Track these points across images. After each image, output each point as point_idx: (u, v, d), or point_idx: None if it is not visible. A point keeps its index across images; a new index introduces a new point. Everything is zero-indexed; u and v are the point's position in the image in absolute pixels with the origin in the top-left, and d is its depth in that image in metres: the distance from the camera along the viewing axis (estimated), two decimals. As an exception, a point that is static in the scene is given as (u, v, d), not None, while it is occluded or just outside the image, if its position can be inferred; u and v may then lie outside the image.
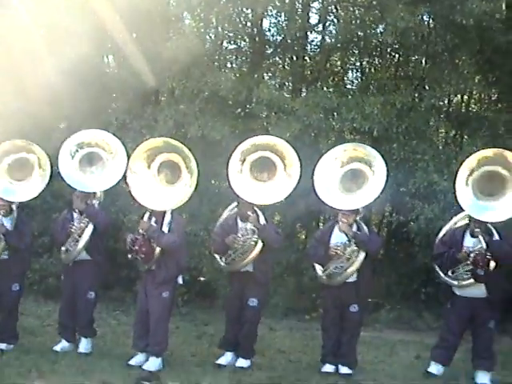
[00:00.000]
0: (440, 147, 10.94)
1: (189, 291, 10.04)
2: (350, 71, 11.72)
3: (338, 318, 7.07)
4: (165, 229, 6.95)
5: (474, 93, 11.35)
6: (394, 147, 9.91)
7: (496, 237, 6.85)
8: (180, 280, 7.16)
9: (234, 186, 7.07)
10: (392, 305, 9.94)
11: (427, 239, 8.75)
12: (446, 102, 11.30)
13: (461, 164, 6.94)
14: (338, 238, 7.03)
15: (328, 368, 7.05)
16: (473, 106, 11.65)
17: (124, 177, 7.17)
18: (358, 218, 7.09)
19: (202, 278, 10.40)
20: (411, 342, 8.75)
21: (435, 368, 7.07)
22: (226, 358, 7.19)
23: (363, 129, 9.63)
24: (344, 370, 6.99)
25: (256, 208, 7.17)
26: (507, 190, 6.80)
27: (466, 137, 11.14)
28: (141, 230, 6.94)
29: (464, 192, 6.84)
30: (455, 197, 6.87)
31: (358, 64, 11.66)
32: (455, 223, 7.35)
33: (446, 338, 7.14)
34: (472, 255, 6.73)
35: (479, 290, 6.88)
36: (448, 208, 8.38)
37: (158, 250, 6.90)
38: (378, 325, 9.52)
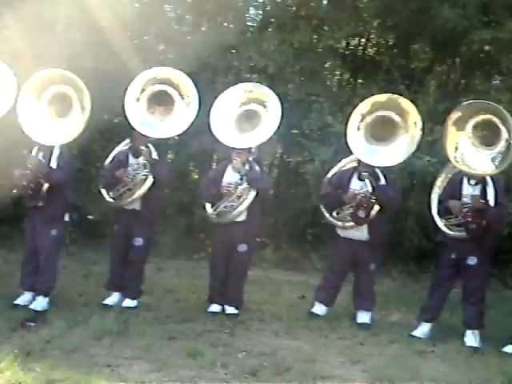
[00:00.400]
0: (335, 90, 11.03)
1: (76, 230, 9.81)
2: (251, 7, 11.49)
3: (226, 257, 7.08)
4: (53, 164, 6.69)
5: (372, 37, 11.43)
6: (289, 87, 9.90)
7: (382, 181, 7.01)
8: (67, 218, 6.94)
9: (130, 118, 6.87)
10: (279, 245, 10.09)
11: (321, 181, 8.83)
12: (343, 44, 11.34)
13: (354, 108, 7.01)
14: (230, 177, 7.01)
15: (214, 308, 7.07)
16: (369, 50, 11.75)
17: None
18: (250, 158, 7.08)
19: (89, 217, 10.20)
20: (297, 282, 8.91)
21: (319, 308, 7.24)
22: (113, 299, 7.09)
23: (259, 66, 9.55)
24: (230, 310, 7.03)
25: (149, 144, 7.02)
26: (398, 135, 6.95)
27: (360, 80, 11.26)
28: (29, 165, 6.66)
29: (355, 136, 6.94)
30: (346, 140, 6.95)
31: (260, 0, 11.45)
32: (344, 165, 7.43)
33: (329, 279, 7.30)
34: (358, 197, 6.87)
35: (361, 233, 7.04)
36: (342, 150, 8.47)
37: (45, 186, 6.63)
38: (264, 264, 9.65)
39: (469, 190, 6.79)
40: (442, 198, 6.99)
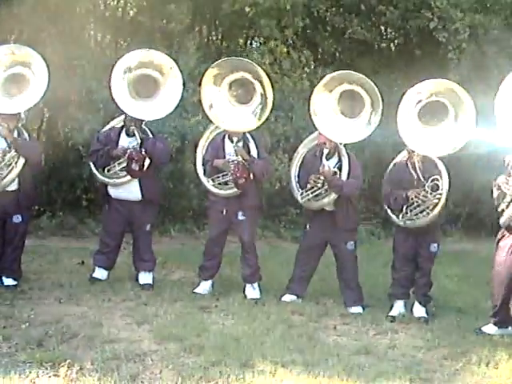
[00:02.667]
0: (97, 53, 10.78)
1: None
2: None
3: (1, 228, 6.74)
4: None
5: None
6: (48, 52, 9.50)
7: (150, 135, 7.08)
8: None
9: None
10: (54, 212, 9.79)
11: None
12: (102, 6, 11.08)
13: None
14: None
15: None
16: (130, 11, 11.60)
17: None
18: (19, 125, 6.75)
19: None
20: (75, 248, 8.72)
21: (99, 273, 7.15)
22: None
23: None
24: (8, 281, 6.72)
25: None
26: (160, 91, 7.00)
27: (122, 42, 11.11)
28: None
29: (120, 89, 6.89)
30: (112, 98, 6.90)
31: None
32: (112, 126, 7.36)
33: (106, 243, 7.21)
34: (128, 151, 6.86)
35: (134, 193, 7.03)
36: (110, 116, 8.35)
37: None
38: (40, 232, 9.33)
39: (231, 148, 6.98)
40: (206, 158, 7.12)
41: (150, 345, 5.42)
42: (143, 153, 6.88)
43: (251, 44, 12.46)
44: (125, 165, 6.91)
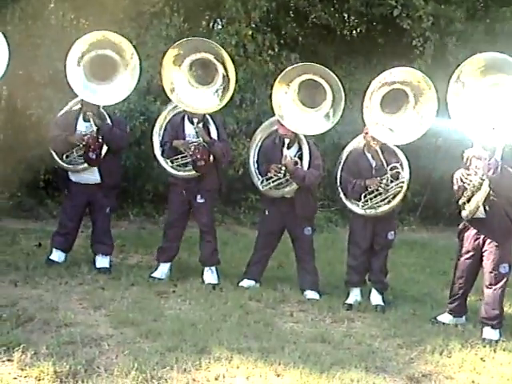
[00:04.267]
0: (59, 32, 10.59)
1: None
2: None
3: None
4: None
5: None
6: (9, 29, 9.33)
7: (108, 121, 7.00)
8: None
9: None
10: (12, 193, 9.65)
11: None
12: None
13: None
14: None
15: None
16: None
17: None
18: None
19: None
20: (33, 229, 8.63)
21: (57, 255, 7.07)
22: None
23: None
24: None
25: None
26: (118, 73, 6.92)
27: (83, 20, 10.94)
28: None
29: (75, 72, 6.78)
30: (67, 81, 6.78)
31: None
32: (70, 108, 7.23)
33: (65, 225, 7.14)
34: (85, 139, 6.78)
35: (93, 176, 6.98)
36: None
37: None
38: (-3, 212, 9.21)
39: (191, 129, 6.94)
40: (165, 138, 7.07)
41: (107, 329, 5.39)
42: (100, 140, 6.80)
43: (213, 26, 12.37)
44: (82, 152, 6.84)
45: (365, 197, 6.67)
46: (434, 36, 11.82)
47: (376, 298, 6.81)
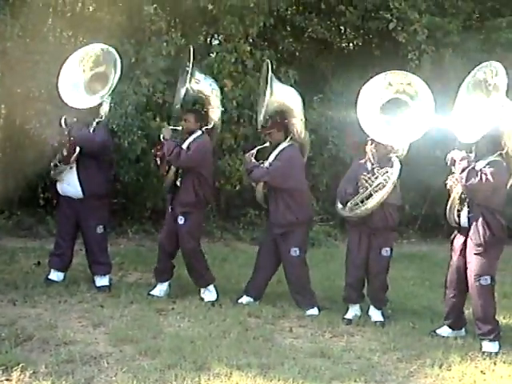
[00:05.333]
0: (57, 48, 10.63)
1: None
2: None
3: None
4: None
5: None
6: (8, 46, 9.37)
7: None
8: None
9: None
10: (11, 211, 9.64)
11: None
12: (60, 0, 10.93)
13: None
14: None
15: None
16: (89, 7, 11.46)
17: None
18: None
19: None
20: (32, 248, 8.59)
21: (55, 275, 7.07)
22: None
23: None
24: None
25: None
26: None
27: (81, 38, 10.98)
28: None
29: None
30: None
31: None
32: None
33: (59, 244, 7.14)
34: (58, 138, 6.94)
35: (74, 190, 6.96)
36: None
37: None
38: (-4, 232, 9.21)
39: None
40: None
41: (106, 347, 5.40)
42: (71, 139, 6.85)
43: (210, 42, 12.41)
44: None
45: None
46: (429, 48, 11.87)
47: (375, 315, 6.78)
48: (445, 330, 6.41)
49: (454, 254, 6.27)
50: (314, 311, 6.86)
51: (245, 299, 6.97)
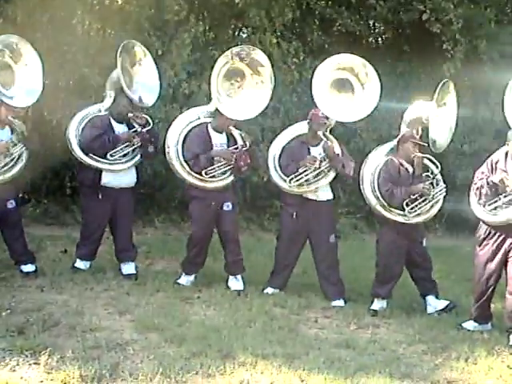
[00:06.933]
0: (86, 40, 10.69)
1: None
2: None
3: None
4: None
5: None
6: (38, 37, 9.43)
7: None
8: None
9: None
10: (38, 199, 9.73)
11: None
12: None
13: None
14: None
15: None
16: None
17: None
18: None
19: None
20: (59, 236, 8.69)
21: (82, 263, 7.12)
22: None
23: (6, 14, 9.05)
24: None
25: None
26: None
27: (109, 30, 11.03)
28: None
29: None
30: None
31: None
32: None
33: (88, 235, 7.15)
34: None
35: (131, 179, 7.08)
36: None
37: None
38: (24, 220, 9.22)
39: (217, 139, 6.97)
40: (195, 151, 6.86)
41: (132, 334, 5.43)
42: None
43: (239, 35, 12.41)
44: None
45: (407, 205, 6.58)
46: (464, 39, 11.77)
47: (434, 302, 6.88)
48: (470, 324, 6.36)
49: (486, 249, 6.21)
50: (340, 302, 6.85)
51: (270, 290, 6.98)
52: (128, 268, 7.15)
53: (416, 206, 6.59)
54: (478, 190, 6.19)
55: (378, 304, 6.76)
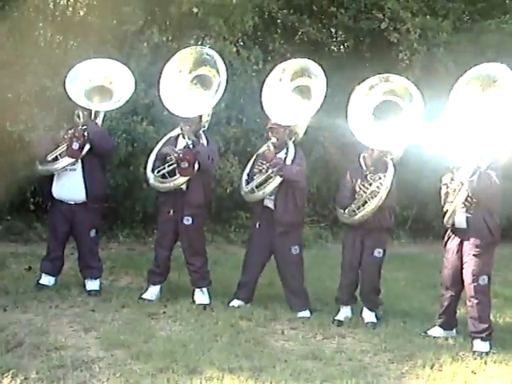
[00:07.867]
0: (47, 51, 10.63)
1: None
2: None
3: None
4: None
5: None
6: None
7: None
8: None
9: None
10: (1, 216, 9.60)
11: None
12: (51, 4, 10.92)
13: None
14: None
15: None
16: (80, 11, 11.45)
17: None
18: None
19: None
20: (22, 253, 8.54)
21: (46, 279, 7.04)
22: None
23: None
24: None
25: None
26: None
27: (72, 42, 10.97)
28: None
29: None
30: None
31: None
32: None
33: (51, 249, 7.10)
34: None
35: (79, 194, 6.92)
36: (64, 114, 8.22)
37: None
38: (-14, 237, 9.16)
39: (182, 144, 6.94)
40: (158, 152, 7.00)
41: (98, 352, 5.38)
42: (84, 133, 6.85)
43: (202, 44, 12.41)
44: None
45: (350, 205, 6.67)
46: (421, 48, 11.93)
47: (368, 316, 6.80)
48: (436, 330, 6.43)
49: (449, 255, 6.30)
50: (306, 313, 6.87)
51: (236, 302, 6.98)
52: (91, 284, 7.07)
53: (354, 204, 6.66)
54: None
55: (343, 314, 6.80)
